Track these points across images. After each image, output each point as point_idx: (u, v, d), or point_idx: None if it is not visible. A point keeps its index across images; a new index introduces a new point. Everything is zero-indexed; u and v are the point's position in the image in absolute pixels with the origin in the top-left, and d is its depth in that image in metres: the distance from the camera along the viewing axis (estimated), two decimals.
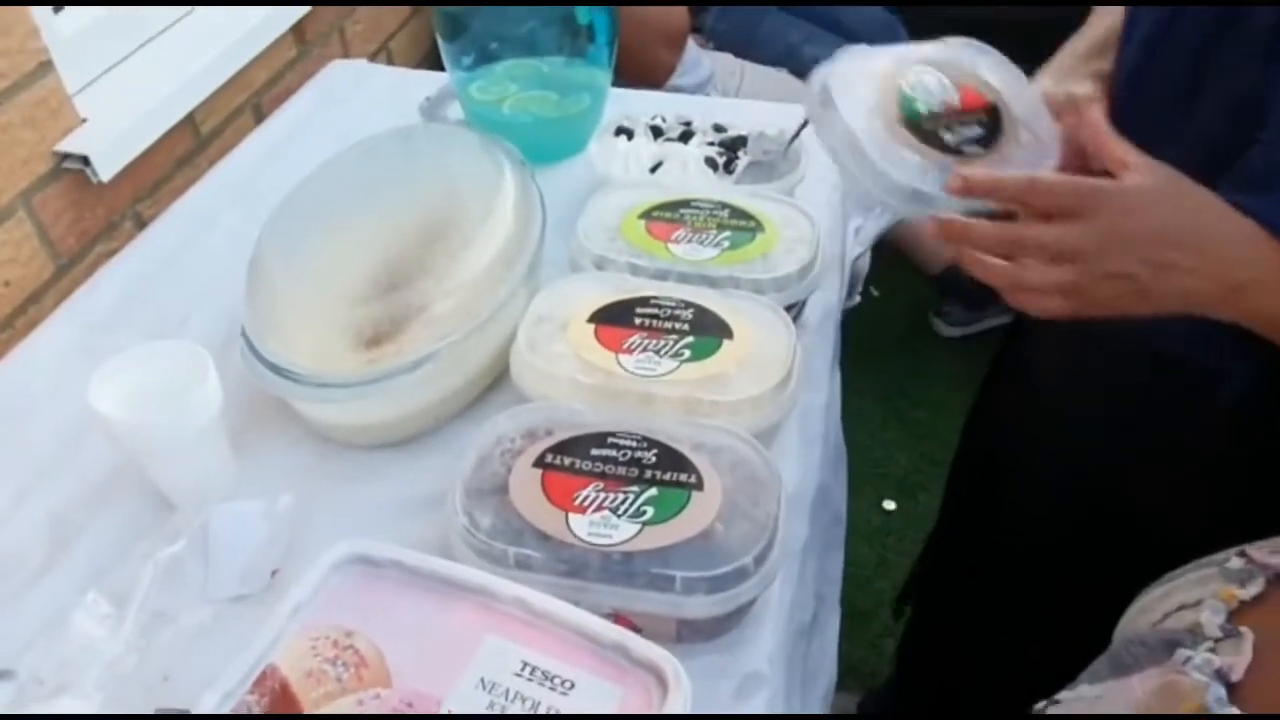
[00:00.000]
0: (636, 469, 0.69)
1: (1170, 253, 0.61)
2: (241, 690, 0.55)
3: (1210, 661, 0.47)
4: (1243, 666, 0.47)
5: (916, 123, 0.72)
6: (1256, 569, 0.52)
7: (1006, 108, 0.74)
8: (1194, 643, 0.50)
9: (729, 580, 0.63)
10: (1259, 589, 0.51)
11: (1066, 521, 0.93)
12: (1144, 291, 0.62)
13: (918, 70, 0.74)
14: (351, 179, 0.88)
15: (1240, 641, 0.48)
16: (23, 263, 1.01)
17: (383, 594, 0.61)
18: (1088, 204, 0.62)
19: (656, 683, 0.56)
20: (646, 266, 0.88)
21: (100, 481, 0.81)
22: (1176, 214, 0.63)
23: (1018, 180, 0.65)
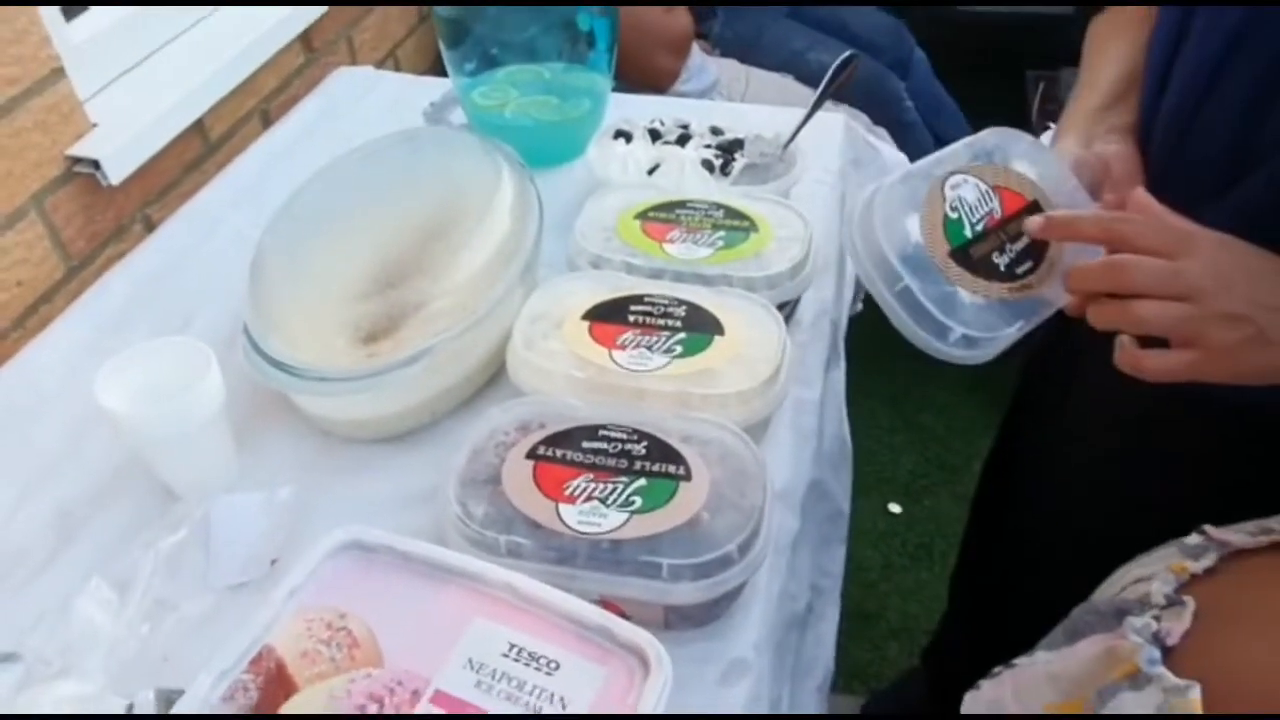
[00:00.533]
0: (626, 460, 0.71)
1: (1278, 294, 0.58)
2: (237, 669, 0.57)
3: (1149, 626, 0.49)
4: (1179, 632, 0.48)
5: (965, 250, 0.70)
6: (1212, 544, 0.54)
7: (1048, 201, 0.72)
8: (1141, 610, 0.51)
9: (714, 567, 0.65)
10: (1210, 563, 0.53)
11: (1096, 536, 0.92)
12: (1263, 337, 0.58)
13: (955, 183, 0.72)
14: (352, 181, 0.90)
15: (1182, 610, 0.49)
16: (35, 264, 1.04)
17: (376, 578, 0.63)
18: (1182, 240, 0.60)
19: (639, 664, 0.58)
20: (642, 265, 0.89)
21: (106, 476, 0.83)
22: (1267, 261, 0.60)
23: (1099, 217, 0.63)
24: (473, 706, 0.55)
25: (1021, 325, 0.70)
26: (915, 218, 0.70)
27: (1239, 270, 0.59)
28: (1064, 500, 0.98)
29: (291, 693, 0.56)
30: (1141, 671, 0.47)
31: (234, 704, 0.56)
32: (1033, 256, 0.71)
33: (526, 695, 0.56)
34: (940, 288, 0.69)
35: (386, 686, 0.56)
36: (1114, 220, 0.63)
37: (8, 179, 0.99)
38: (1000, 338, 0.69)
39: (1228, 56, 0.69)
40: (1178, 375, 0.60)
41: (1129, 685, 0.47)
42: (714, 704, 0.67)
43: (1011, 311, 0.70)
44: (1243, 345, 0.58)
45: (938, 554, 2.02)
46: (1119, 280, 0.61)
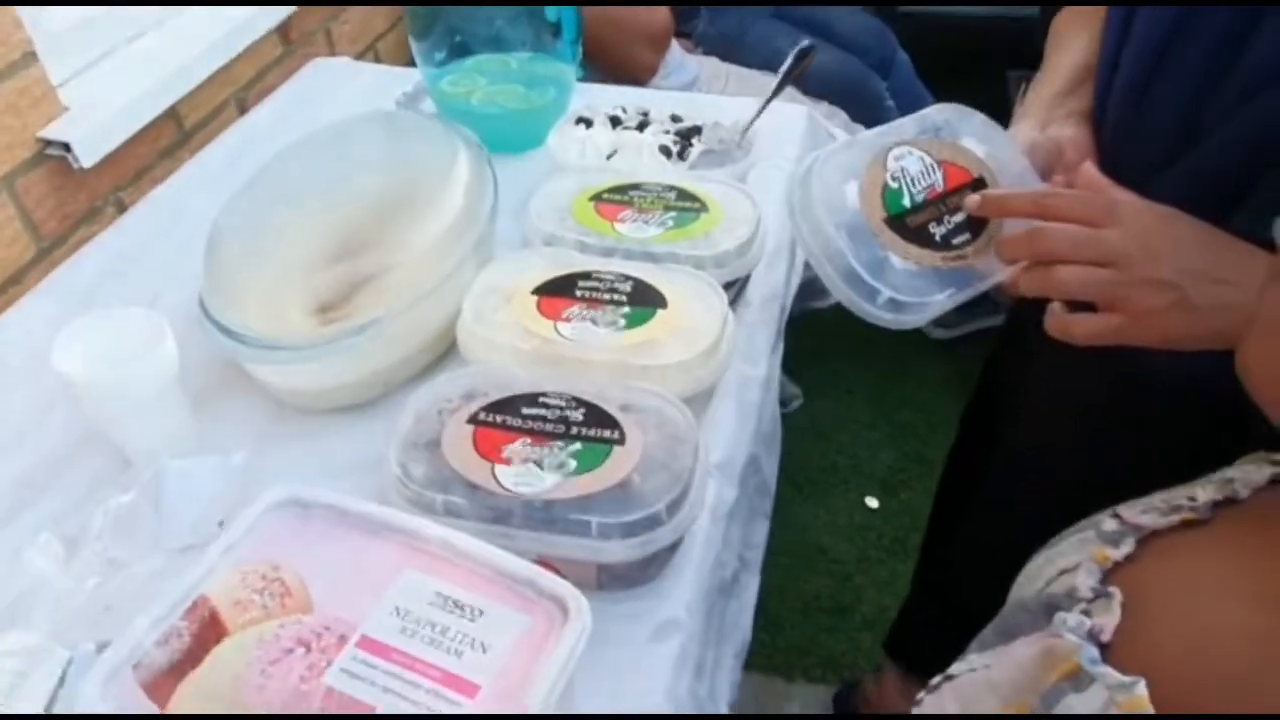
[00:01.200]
0: (564, 426, 0.73)
1: (1209, 261, 0.60)
2: (173, 616, 0.59)
3: (1083, 623, 0.49)
4: (1112, 627, 0.48)
5: (902, 218, 0.72)
6: (1128, 529, 0.54)
7: (994, 178, 0.74)
8: (1070, 605, 0.52)
9: (642, 526, 0.67)
10: (1129, 549, 0.53)
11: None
12: (1188, 303, 0.59)
13: (899, 154, 0.74)
14: (312, 159, 0.93)
15: (1110, 602, 0.50)
16: (5, 244, 1.06)
17: (312, 534, 0.65)
18: (1105, 210, 0.62)
19: (560, 612, 0.60)
20: (594, 244, 0.92)
21: (68, 446, 0.85)
22: (1201, 229, 0.62)
23: (1029, 193, 0.66)
24: (395, 652, 0.57)
25: (952, 293, 0.72)
26: (855, 184, 0.73)
27: (1165, 238, 0.61)
28: (1019, 484, 1.00)
29: (222, 637, 0.58)
30: (1083, 670, 0.47)
31: (167, 648, 0.58)
32: (971, 230, 0.73)
33: (449, 640, 0.58)
34: (873, 252, 0.71)
35: (314, 631, 0.58)
36: (1044, 195, 0.66)
37: None
38: (929, 304, 0.71)
39: (1175, 33, 0.71)
40: (1104, 338, 0.62)
41: (1071, 687, 0.47)
42: (644, 659, 0.69)
43: (943, 279, 0.72)
44: (1167, 310, 0.60)
45: (913, 548, 2.02)
46: (1040, 247, 0.64)
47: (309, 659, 0.57)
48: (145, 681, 0.56)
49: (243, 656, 0.57)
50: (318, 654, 0.57)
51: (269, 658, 0.57)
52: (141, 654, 0.57)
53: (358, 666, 0.57)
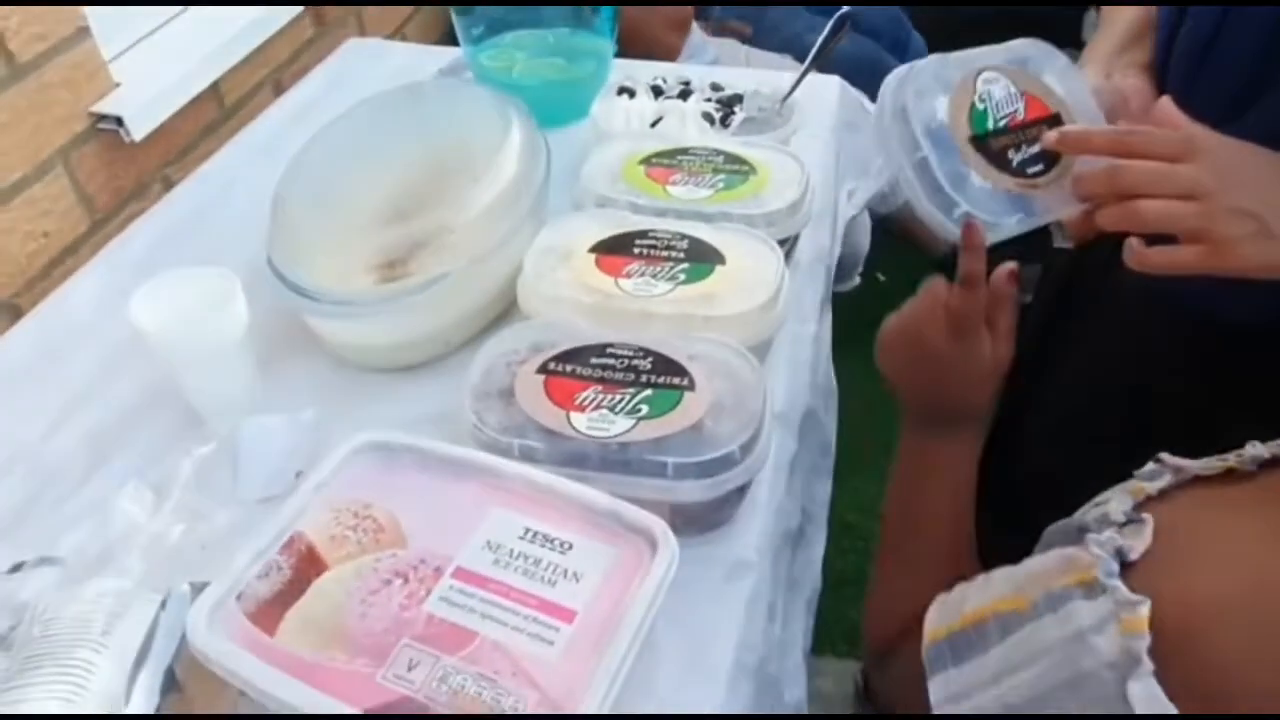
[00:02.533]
0: (633, 374, 0.74)
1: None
2: (271, 550, 0.61)
3: (1113, 540, 0.50)
4: (1140, 548, 0.49)
5: (984, 139, 0.73)
6: (1167, 470, 0.56)
7: (1070, 117, 0.76)
8: (1100, 528, 0.53)
9: (717, 466, 0.68)
10: (1164, 484, 0.54)
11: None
12: (1268, 231, 0.60)
13: (988, 78, 0.75)
14: (369, 124, 0.94)
15: (1142, 527, 0.51)
16: (60, 215, 1.08)
17: (397, 475, 0.67)
18: (1185, 145, 0.62)
19: (647, 544, 0.61)
20: (645, 205, 0.93)
21: (135, 405, 0.87)
22: (1274, 161, 0.63)
23: (1110, 130, 0.67)
24: (491, 582, 0.59)
25: (1021, 218, 0.74)
26: (944, 99, 0.75)
27: (1244, 168, 0.62)
28: (1069, 433, 1.01)
29: (322, 571, 0.60)
30: (1098, 581, 0.48)
31: (268, 581, 0.60)
32: (1045, 163, 0.75)
33: (543, 571, 0.60)
34: (955, 167, 0.73)
35: (410, 564, 0.60)
36: (1124, 132, 0.67)
37: (35, 132, 1.03)
38: (1001, 225, 0.73)
39: None
40: (1184, 268, 0.63)
41: (1082, 593, 0.48)
42: (719, 599, 0.71)
43: (1014, 205, 0.74)
44: (1248, 239, 0.61)
45: None
46: (1122, 182, 0.65)
47: (408, 589, 0.59)
48: (249, 611, 0.58)
49: (343, 588, 0.59)
50: (416, 584, 0.59)
51: (369, 588, 0.59)
52: (243, 585, 0.59)
53: (456, 595, 0.58)
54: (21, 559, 0.71)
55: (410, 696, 0.53)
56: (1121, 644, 0.45)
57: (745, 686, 0.69)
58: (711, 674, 0.66)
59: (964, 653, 0.54)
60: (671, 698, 0.65)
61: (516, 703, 0.53)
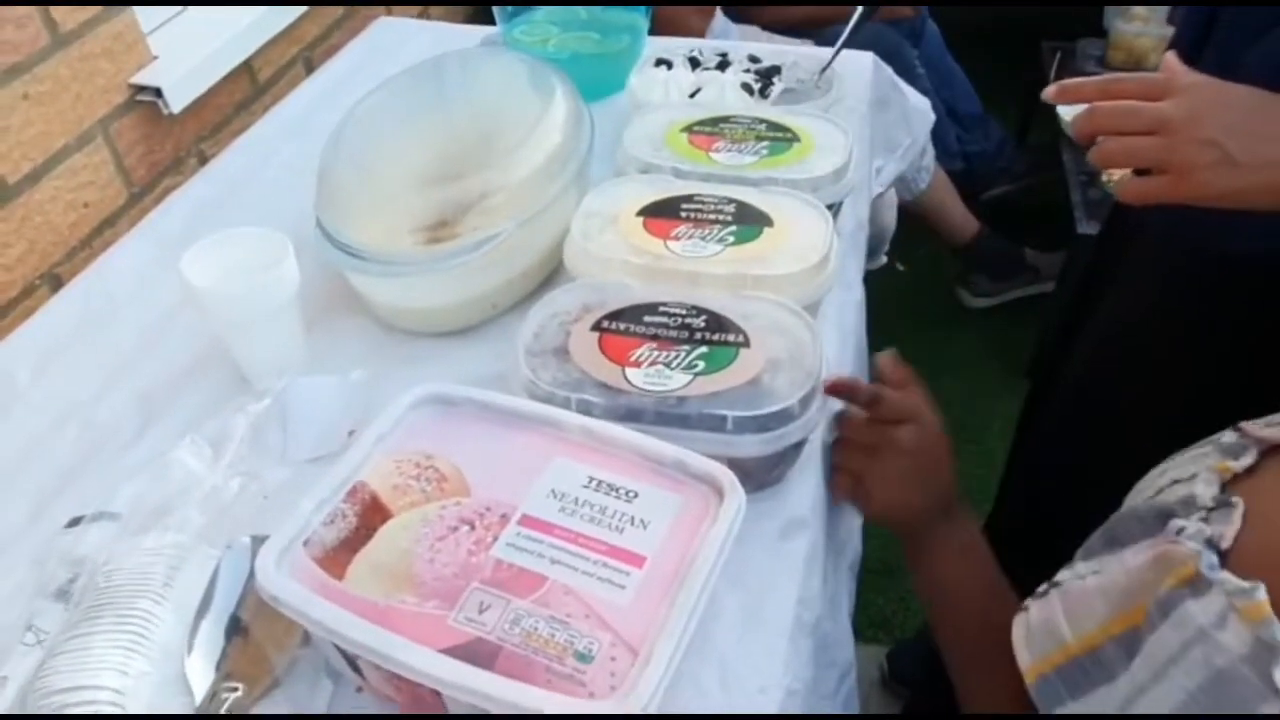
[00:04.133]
0: (687, 332, 0.74)
1: (1255, 122, 0.65)
2: (335, 499, 0.61)
3: (1202, 530, 0.48)
4: (1232, 534, 0.48)
5: None
6: (1250, 442, 0.54)
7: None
8: (1187, 513, 0.51)
9: (777, 420, 0.68)
10: (1251, 460, 0.52)
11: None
12: (1233, 160, 0.64)
13: None
14: (414, 91, 0.94)
15: (1231, 511, 0.49)
16: (100, 186, 1.08)
17: (458, 426, 0.66)
18: (1164, 85, 0.67)
19: (713, 492, 0.61)
20: (689, 171, 0.93)
21: (183, 367, 0.87)
22: (1253, 94, 0.66)
23: (1098, 78, 0.71)
24: (558, 528, 0.59)
25: None
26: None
27: (1211, 102, 0.66)
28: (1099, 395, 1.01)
29: (387, 519, 0.60)
30: (1201, 576, 0.46)
31: (334, 528, 0.59)
32: None
33: (609, 519, 0.59)
34: None
35: (476, 511, 0.60)
36: (1111, 79, 0.71)
37: (77, 102, 1.03)
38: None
39: None
40: (1154, 196, 0.68)
41: (1190, 592, 0.46)
42: (777, 555, 0.70)
43: None
44: (1209, 167, 0.65)
45: None
46: (1096, 123, 0.70)
47: (474, 535, 0.58)
48: (317, 556, 0.58)
49: (410, 534, 0.59)
50: (482, 531, 0.59)
51: (436, 534, 0.59)
52: (310, 532, 0.59)
53: (523, 541, 0.58)
54: (79, 514, 0.71)
55: (484, 638, 0.53)
56: (1251, 634, 0.43)
57: (804, 643, 0.68)
58: (774, 629, 0.66)
59: (1081, 684, 0.52)
60: (733, 653, 0.64)
61: (591, 645, 0.53)
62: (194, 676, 0.61)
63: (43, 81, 0.99)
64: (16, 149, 0.97)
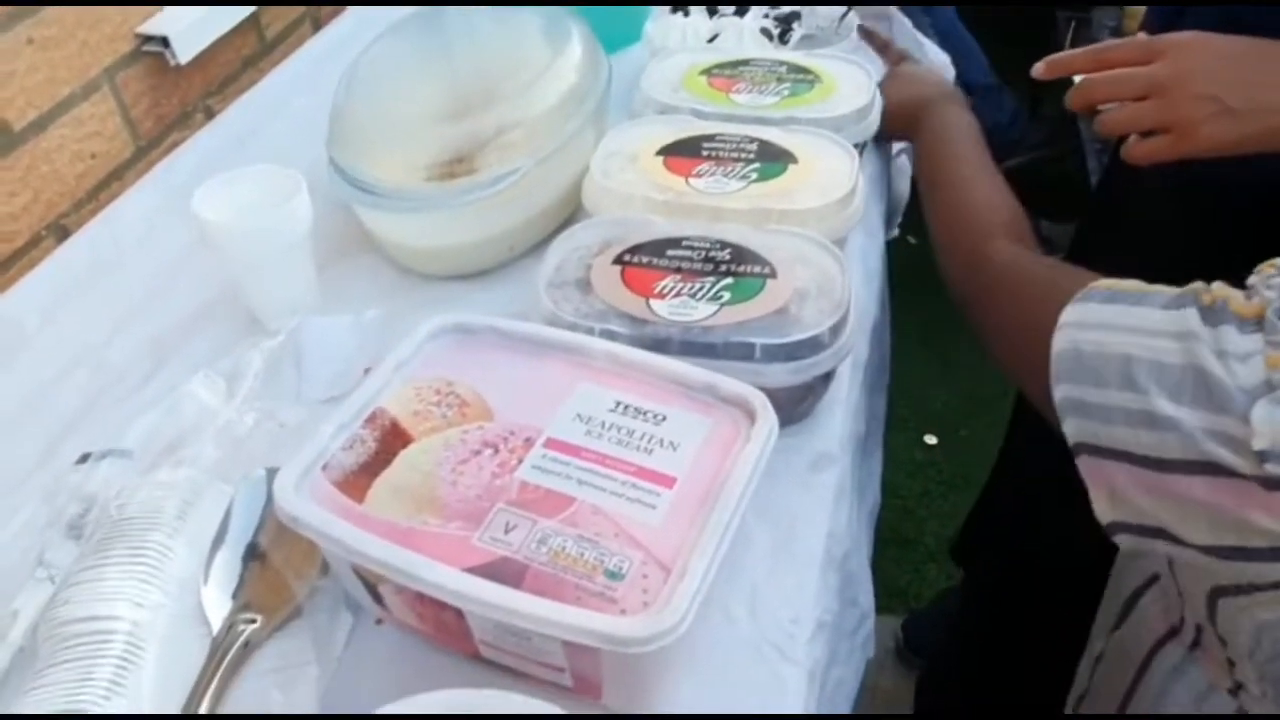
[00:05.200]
0: (712, 264, 0.72)
1: (1247, 71, 0.65)
2: (355, 424, 0.59)
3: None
4: None
5: None
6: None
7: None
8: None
9: (806, 348, 0.66)
10: None
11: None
12: (1230, 110, 0.65)
13: None
14: (429, 31, 0.92)
15: None
16: (107, 138, 1.06)
17: (479, 353, 0.64)
18: (1153, 48, 0.68)
19: (744, 415, 0.59)
20: (710, 112, 0.91)
21: (195, 312, 0.85)
22: (1241, 42, 0.67)
23: (1087, 50, 0.72)
24: (585, 451, 0.57)
25: None
26: None
27: (1203, 55, 0.67)
28: None
29: (408, 443, 0.58)
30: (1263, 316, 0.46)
31: (353, 453, 0.57)
32: None
33: (638, 441, 0.57)
34: None
35: (500, 435, 0.58)
36: (1100, 48, 0.72)
37: (83, 49, 1.01)
38: None
39: None
40: (1160, 155, 0.68)
41: (1237, 325, 0.47)
42: (806, 488, 0.68)
43: None
44: (1211, 120, 0.65)
45: (973, 483, 2.03)
46: (1091, 95, 0.71)
47: (498, 458, 0.57)
48: (337, 480, 0.56)
49: (431, 457, 0.57)
50: (506, 454, 0.57)
51: (458, 458, 0.57)
52: (329, 456, 0.57)
53: (549, 463, 0.56)
54: (88, 451, 0.69)
55: (509, 557, 0.51)
56: (1265, 375, 0.44)
57: (833, 578, 0.67)
58: (805, 560, 0.64)
59: (1116, 298, 0.54)
60: (763, 582, 0.63)
61: (621, 563, 0.51)
62: (210, 607, 0.59)
63: (48, 26, 0.97)
64: (21, 95, 0.95)
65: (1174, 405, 0.47)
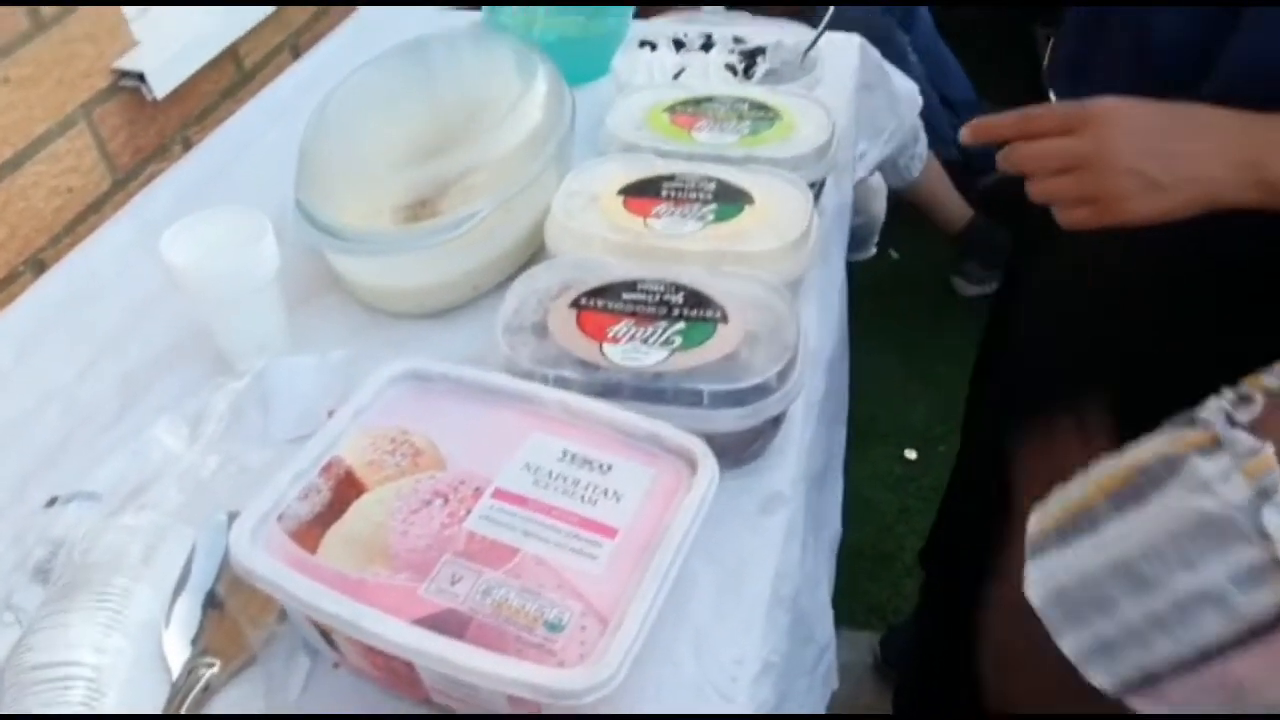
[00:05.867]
0: (665, 308, 0.74)
1: (1170, 142, 0.66)
2: (311, 473, 0.61)
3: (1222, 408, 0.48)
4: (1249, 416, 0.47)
5: None
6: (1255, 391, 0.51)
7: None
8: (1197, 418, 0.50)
9: (753, 394, 0.68)
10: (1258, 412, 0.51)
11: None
12: (1157, 184, 0.65)
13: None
14: (393, 71, 0.94)
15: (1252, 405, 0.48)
16: (84, 172, 1.08)
17: (434, 401, 0.66)
18: (1077, 118, 0.68)
19: (686, 465, 0.61)
20: (672, 150, 0.93)
21: (164, 349, 0.87)
22: (1163, 111, 0.67)
23: (1012, 116, 0.71)
24: (531, 501, 0.59)
25: None
26: None
27: (1131, 126, 0.67)
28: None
29: (362, 492, 0.60)
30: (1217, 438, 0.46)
31: (308, 503, 0.59)
32: None
33: (582, 490, 0.59)
34: None
35: (450, 485, 0.60)
36: (1025, 115, 0.71)
37: (59, 86, 1.03)
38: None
39: None
40: (1088, 225, 0.69)
41: (1198, 453, 0.47)
42: (755, 531, 0.70)
43: None
44: (1137, 195, 0.66)
45: None
46: (1019, 165, 0.71)
47: (448, 508, 0.59)
48: (291, 530, 0.58)
49: (384, 508, 0.59)
50: (456, 504, 0.59)
51: (409, 508, 0.59)
52: (285, 506, 0.59)
53: (496, 513, 0.58)
54: (58, 494, 0.71)
55: (455, 609, 0.53)
56: (1252, 486, 0.44)
57: (782, 618, 0.68)
58: (750, 603, 0.66)
59: (1070, 537, 0.51)
60: (708, 625, 0.64)
61: (562, 614, 0.53)
62: (170, 652, 0.61)
63: (23, 65, 0.99)
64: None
65: (1192, 572, 0.46)
